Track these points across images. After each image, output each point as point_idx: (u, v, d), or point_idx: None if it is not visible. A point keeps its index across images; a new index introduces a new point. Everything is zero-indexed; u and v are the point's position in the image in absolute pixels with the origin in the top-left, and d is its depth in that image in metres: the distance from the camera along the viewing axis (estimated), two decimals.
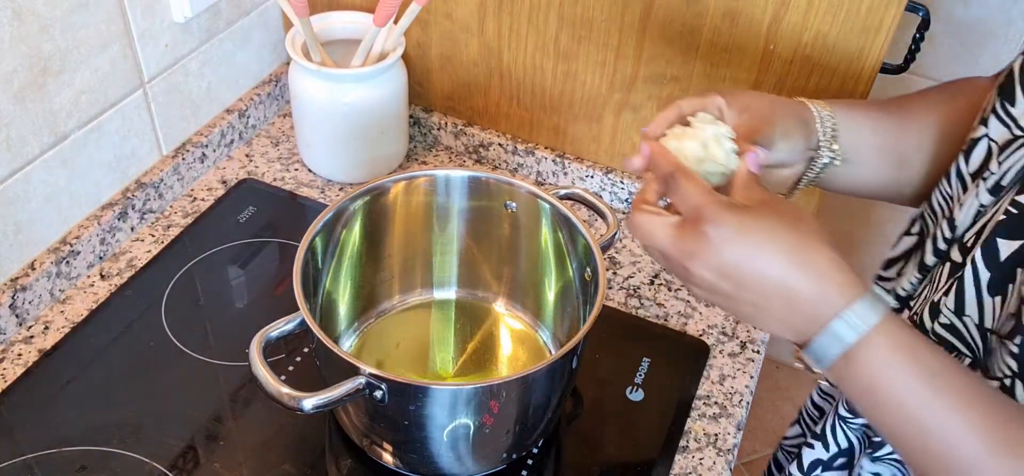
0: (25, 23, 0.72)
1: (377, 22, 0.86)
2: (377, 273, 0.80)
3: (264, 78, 1.05)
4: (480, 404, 0.63)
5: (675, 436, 0.76)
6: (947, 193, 0.61)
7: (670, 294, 0.90)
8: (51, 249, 0.82)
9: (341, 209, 0.72)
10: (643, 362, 0.82)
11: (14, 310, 0.78)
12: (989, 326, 0.54)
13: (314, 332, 0.61)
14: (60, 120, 0.79)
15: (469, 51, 0.97)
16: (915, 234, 0.65)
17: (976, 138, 0.58)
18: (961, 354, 0.56)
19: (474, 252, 0.81)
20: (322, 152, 0.97)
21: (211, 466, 0.71)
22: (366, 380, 0.59)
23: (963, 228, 0.57)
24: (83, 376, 0.76)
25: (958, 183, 0.60)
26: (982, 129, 0.57)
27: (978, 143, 0.58)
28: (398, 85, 0.94)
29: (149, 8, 0.84)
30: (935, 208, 0.62)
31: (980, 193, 0.56)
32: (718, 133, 0.57)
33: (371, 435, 0.69)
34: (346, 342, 0.79)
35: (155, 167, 0.92)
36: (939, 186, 0.62)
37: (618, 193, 0.99)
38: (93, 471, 0.69)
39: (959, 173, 0.59)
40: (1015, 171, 0.54)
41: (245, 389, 0.76)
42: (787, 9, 0.80)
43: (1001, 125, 0.56)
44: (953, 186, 0.60)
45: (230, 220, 0.93)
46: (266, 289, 0.87)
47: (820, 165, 0.65)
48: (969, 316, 0.55)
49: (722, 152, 0.56)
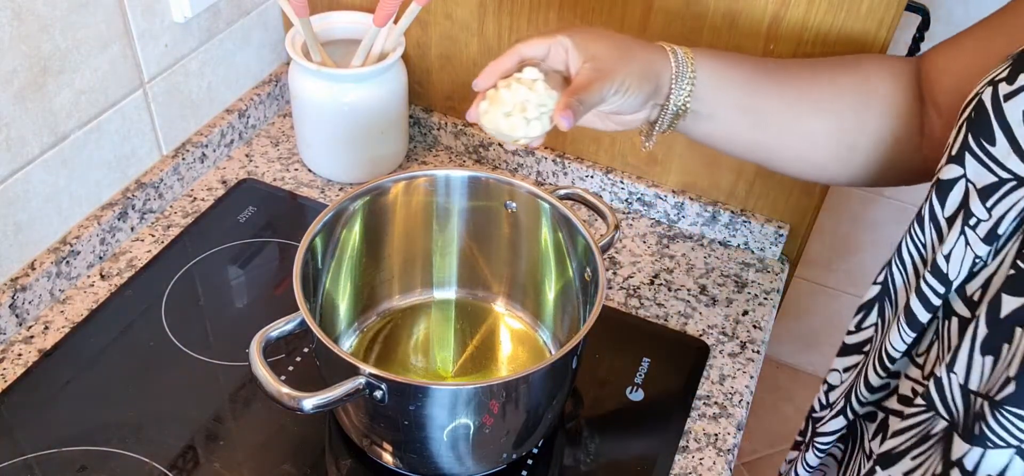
0: (25, 23, 0.72)
1: (377, 22, 0.86)
2: (377, 273, 0.80)
3: (264, 78, 1.05)
4: (480, 404, 0.63)
5: (675, 436, 0.76)
6: (919, 240, 0.57)
7: (670, 294, 0.90)
8: (51, 249, 0.82)
9: (341, 209, 0.72)
10: (643, 362, 0.82)
11: (14, 310, 0.78)
12: (974, 388, 0.51)
13: (314, 332, 0.61)
14: (60, 120, 0.79)
15: (469, 51, 0.97)
16: (879, 283, 0.62)
17: (949, 179, 0.54)
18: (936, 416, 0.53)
19: (474, 252, 0.81)
20: (322, 152, 0.97)
21: (211, 466, 0.71)
22: (366, 380, 0.59)
23: (960, 279, 0.53)
24: (83, 376, 0.76)
25: (932, 228, 0.56)
26: (955, 169, 0.53)
27: (954, 185, 0.53)
28: (398, 85, 0.94)
29: (149, 8, 0.84)
30: (904, 256, 0.59)
31: (973, 242, 0.52)
32: (527, 100, 0.62)
33: (371, 435, 0.69)
34: (346, 342, 0.79)
35: (155, 167, 0.92)
36: (909, 232, 0.58)
37: (618, 193, 0.99)
38: (93, 471, 0.69)
39: (934, 217, 0.55)
40: (1012, 219, 0.50)
41: (245, 389, 0.76)
42: (787, 9, 0.80)
43: (980, 166, 0.51)
44: (927, 232, 0.56)
45: (230, 220, 0.93)
46: (266, 289, 0.87)
47: (669, 115, 0.66)
48: (956, 373, 0.52)
49: (522, 122, 0.62)
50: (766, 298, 0.90)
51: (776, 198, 0.93)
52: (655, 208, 0.98)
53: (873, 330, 0.63)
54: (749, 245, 0.95)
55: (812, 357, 1.96)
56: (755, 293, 0.91)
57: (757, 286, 0.92)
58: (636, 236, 0.96)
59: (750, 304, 0.90)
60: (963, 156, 0.52)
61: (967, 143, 0.52)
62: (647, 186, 0.97)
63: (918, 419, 0.55)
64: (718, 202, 0.95)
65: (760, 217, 0.94)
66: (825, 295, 1.83)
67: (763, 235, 0.94)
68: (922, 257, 0.58)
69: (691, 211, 0.96)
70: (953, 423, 0.52)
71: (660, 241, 0.96)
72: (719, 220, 0.95)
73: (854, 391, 0.63)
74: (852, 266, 1.76)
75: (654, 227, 0.98)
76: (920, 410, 0.54)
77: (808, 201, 0.92)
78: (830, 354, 2.08)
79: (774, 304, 0.90)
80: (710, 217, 0.95)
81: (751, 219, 0.94)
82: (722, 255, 0.95)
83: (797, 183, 0.90)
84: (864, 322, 0.64)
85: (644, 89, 0.64)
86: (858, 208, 1.66)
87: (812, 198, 0.91)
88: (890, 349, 0.58)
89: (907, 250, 0.59)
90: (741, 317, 0.88)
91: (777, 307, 0.91)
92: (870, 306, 0.63)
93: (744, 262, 0.94)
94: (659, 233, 0.97)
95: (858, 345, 0.65)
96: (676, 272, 0.92)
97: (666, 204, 0.97)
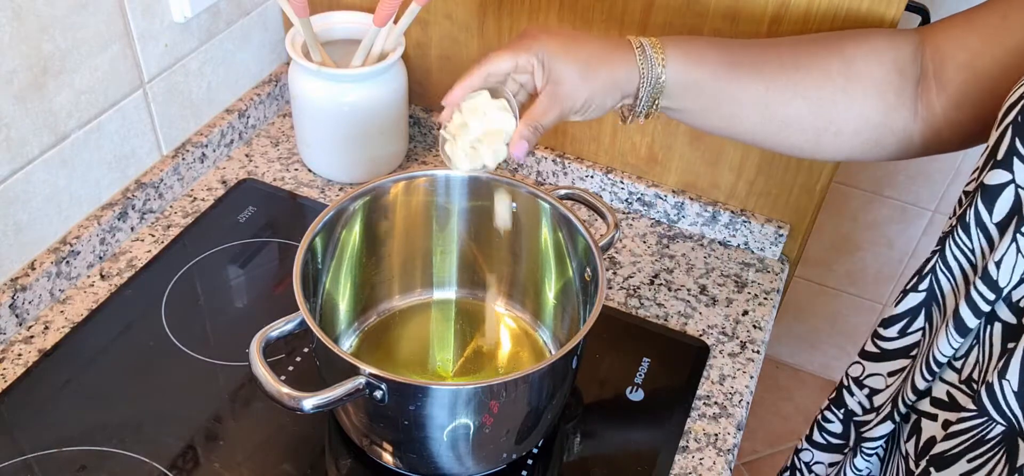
0: (25, 23, 0.72)
1: (377, 22, 0.86)
2: (377, 273, 0.80)
3: (264, 78, 1.05)
4: (480, 404, 0.63)
5: (675, 436, 0.76)
6: (966, 246, 0.56)
7: (670, 294, 0.90)
8: (51, 249, 0.82)
9: (341, 209, 0.72)
10: (643, 362, 0.82)
11: (14, 310, 0.78)
12: None
13: (314, 332, 0.61)
14: (60, 120, 0.79)
15: (469, 51, 0.97)
16: (922, 292, 0.61)
17: (996, 185, 0.52)
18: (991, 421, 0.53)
19: (474, 252, 0.81)
20: (322, 152, 0.97)
21: (211, 466, 0.71)
22: (366, 380, 0.59)
23: (1010, 286, 0.52)
24: (83, 376, 0.76)
25: (981, 234, 0.55)
26: (1003, 174, 0.52)
27: (1002, 191, 0.52)
28: (398, 85, 0.94)
29: (149, 8, 0.84)
30: (950, 262, 0.58)
31: None
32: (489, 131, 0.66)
33: (371, 435, 0.69)
34: (346, 342, 0.79)
35: (155, 167, 0.92)
36: (954, 237, 0.57)
37: (618, 193, 0.99)
38: (93, 471, 0.69)
39: (981, 223, 0.54)
40: None
41: (245, 389, 0.76)
42: (787, 10, 0.80)
43: None
44: (974, 238, 0.55)
45: (230, 220, 0.93)
46: (266, 289, 0.87)
47: (640, 113, 0.67)
48: (1008, 380, 0.52)
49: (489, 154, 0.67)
50: (766, 298, 0.90)
51: (776, 198, 0.93)
52: (655, 208, 0.98)
53: (920, 335, 0.63)
54: (749, 245, 0.95)
55: (812, 357, 1.96)
56: (755, 293, 0.91)
57: (757, 286, 0.92)
58: (636, 236, 0.96)
59: (750, 304, 0.90)
60: (1011, 161, 0.51)
61: (1015, 148, 0.51)
62: (647, 186, 0.97)
63: (970, 424, 0.54)
64: (718, 202, 0.95)
65: (760, 217, 0.94)
66: (825, 295, 1.83)
67: (763, 235, 0.94)
68: (971, 263, 0.57)
69: (691, 211, 0.96)
70: (1013, 428, 0.52)
71: (660, 241, 0.96)
72: (719, 220, 0.95)
73: (901, 395, 0.62)
74: (852, 266, 1.76)
75: (654, 227, 0.98)
76: (972, 415, 0.54)
77: (808, 201, 0.92)
78: (830, 354, 2.09)
79: (774, 304, 0.90)
80: (710, 217, 0.95)
81: (751, 219, 0.94)
82: (722, 255, 0.95)
83: (797, 183, 0.90)
84: (910, 327, 0.63)
85: (607, 103, 0.64)
86: (858, 208, 1.66)
87: (812, 198, 0.91)
88: (937, 354, 0.58)
89: (953, 256, 0.58)
90: (741, 317, 0.88)
91: (777, 307, 0.91)
92: (916, 311, 0.62)
93: (744, 262, 0.94)
94: (659, 233, 0.97)
95: (905, 349, 0.64)
96: (676, 272, 0.92)
97: (666, 204, 0.97)
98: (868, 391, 0.68)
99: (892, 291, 1.77)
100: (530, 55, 0.64)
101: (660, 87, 0.65)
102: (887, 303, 1.79)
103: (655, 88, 0.65)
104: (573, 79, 0.63)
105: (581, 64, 0.63)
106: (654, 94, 0.65)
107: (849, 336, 1.88)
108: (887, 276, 1.75)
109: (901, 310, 0.63)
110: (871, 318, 1.82)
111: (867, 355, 0.67)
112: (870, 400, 0.68)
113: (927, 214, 1.61)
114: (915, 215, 1.62)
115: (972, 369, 0.56)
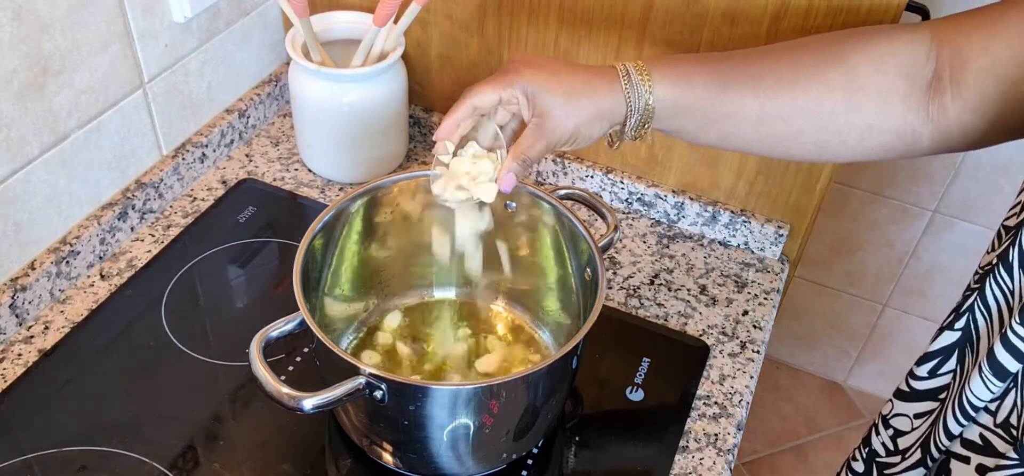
0: (25, 23, 0.72)
1: (377, 22, 0.86)
2: (377, 273, 0.80)
3: (264, 78, 1.05)
4: (480, 404, 0.63)
5: (675, 436, 0.76)
6: (1007, 285, 0.55)
7: (670, 294, 0.90)
8: (51, 249, 0.82)
9: (341, 209, 0.72)
10: (643, 362, 0.82)
11: (14, 310, 0.78)
12: None
13: (314, 332, 0.61)
14: (60, 120, 0.79)
15: (469, 51, 0.97)
16: (958, 330, 0.60)
17: None
18: None
19: None
20: (322, 152, 0.97)
21: (211, 466, 0.71)
22: (366, 380, 0.59)
23: None
24: (83, 376, 0.76)
25: (1022, 274, 0.53)
26: None
27: None
28: (398, 85, 0.94)
29: (149, 8, 0.84)
30: (990, 301, 0.57)
31: None
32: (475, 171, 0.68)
33: (371, 435, 0.69)
34: (346, 342, 0.79)
35: (155, 167, 0.92)
36: (995, 275, 0.56)
37: (618, 193, 0.99)
38: (93, 471, 0.69)
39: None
40: None
41: (245, 389, 0.76)
42: (787, 10, 0.80)
43: None
44: (1015, 277, 0.54)
45: (230, 220, 0.93)
46: (266, 289, 0.87)
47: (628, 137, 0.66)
48: None
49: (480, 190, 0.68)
50: (766, 298, 0.90)
51: (776, 198, 0.93)
52: (655, 208, 0.98)
53: (950, 378, 0.61)
54: (749, 245, 0.95)
55: (812, 357, 1.96)
56: (755, 293, 0.91)
57: (757, 286, 0.92)
58: (636, 236, 0.96)
59: (750, 304, 0.90)
60: None
61: None
62: (647, 186, 0.97)
63: (1011, 472, 0.53)
64: (718, 202, 0.95)
65: (760, 217, 0.94)
66: (825, 295, 1.83)
67: (763, 235, 0.94)
68: (1008, 304, 0.55)
69: (691, 211, 0.96)
70: None
71: (660, 241, 0.96)
72: (719, 220, 0.95)
73: (933, 439, 0.61)
74: (852, 266, 1.76)
75: (654, 227, 0.98)
76: (1014, 463, 0.53)
77: (808, 201, 0.92)
78: (830, 354, 2.08)
79: (774, 304, 0.90)
80: (710, 217, 0.95)
81: (751, 219, 0.94)
82: (722, 255, 0.95)
83: (797, 183, 0.90)
84: (941, 368, 0.61)
85: (594, 132, 0.64)
86: (858, 208, 1.66)
87: (812, 198, 0.91)
88: (972, 397, 0.56)
89: (992, 295, 0.56)
90: (741, 317, 0.88)
91: (777, 307, 0.91)
92: (949, 351, 0.60)
93: (744, 262, 0.94)
94: (659, 233, 0.97)
95: (933, 391, 0.62)
96: (676, 272, 0.92)
97: (666, 204, 0.97)
98: (893, 431, 0.66)
99: (892, 291, 1.77)
100: (514, 90, 0.63)
101: (649, 112, 0.63)
102: (887, 303, 1.79)
103: (643, 114, 0.63)
104: (558, 112, 0.62)
105: (564, 96, 0.63)
106: (643, 119, 0.64)
107: (849, 336, 1.88)
108: (887, 276, 1.75)
109: (935, 348, 0.61)
110: (871, 318, 1.82)
111: (900, 393, 0.65)
112: (894, 442, 0.66)
113: (927, 214, 1.61)
114: (915, 215, 1.62)
115: (1008, 413, 0.54)
